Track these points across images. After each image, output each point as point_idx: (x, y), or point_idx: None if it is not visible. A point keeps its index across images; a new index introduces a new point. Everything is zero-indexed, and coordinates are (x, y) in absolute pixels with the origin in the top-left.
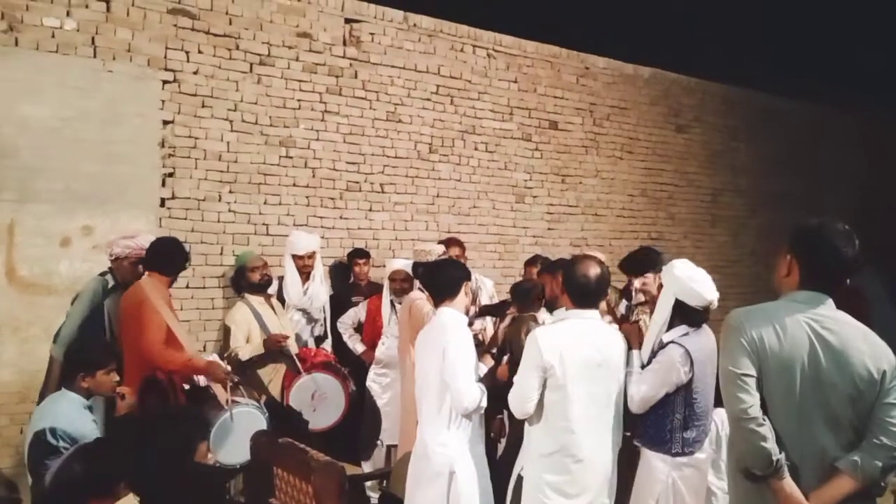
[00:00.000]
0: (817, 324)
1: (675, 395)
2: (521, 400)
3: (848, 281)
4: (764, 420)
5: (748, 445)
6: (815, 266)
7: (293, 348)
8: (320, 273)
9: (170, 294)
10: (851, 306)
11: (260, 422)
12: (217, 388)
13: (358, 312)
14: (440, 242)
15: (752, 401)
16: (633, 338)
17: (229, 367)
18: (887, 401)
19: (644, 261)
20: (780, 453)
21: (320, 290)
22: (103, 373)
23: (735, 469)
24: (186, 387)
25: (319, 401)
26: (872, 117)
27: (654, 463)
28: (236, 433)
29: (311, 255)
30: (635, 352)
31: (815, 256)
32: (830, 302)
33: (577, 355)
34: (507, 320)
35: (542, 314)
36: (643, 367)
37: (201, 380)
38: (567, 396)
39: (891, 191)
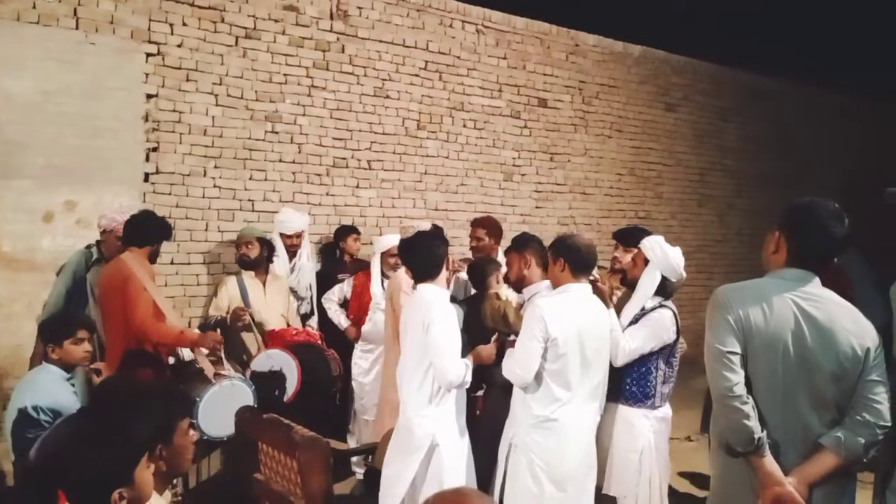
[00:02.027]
0: (804, 301)
1: (659, 352)
2: (522, 369)
3: (835, 260)
4: (748, 398)
5: (731, 422)
6: (804, 244)
7: (272, 325)
8: (307, 251)
9: (153, 268)
10: (835, 286)
11: (246, 394)
12: (203, 362)
13: (344, 289)
14: (473, 221)
15: (736, 378)
16: (605, 300)
17: (221, 337)
18: (870, 378)
19: (634, 236)
20: (763, 431)
21: (307, 267)
22: (70, 342)
23: (717, 444)
24: (171, 361)
25: (275, 376)
26: (861, 99)
27: (635, 420)
28: (224, 406)
29: (300, 235)
30: (612, 311)
31: (804, 234)
32: (817, 280)
33: (576, 327)
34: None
35: (504, 289)
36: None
37: (186, 354)
38: (566, 365)
39: (877, 172)
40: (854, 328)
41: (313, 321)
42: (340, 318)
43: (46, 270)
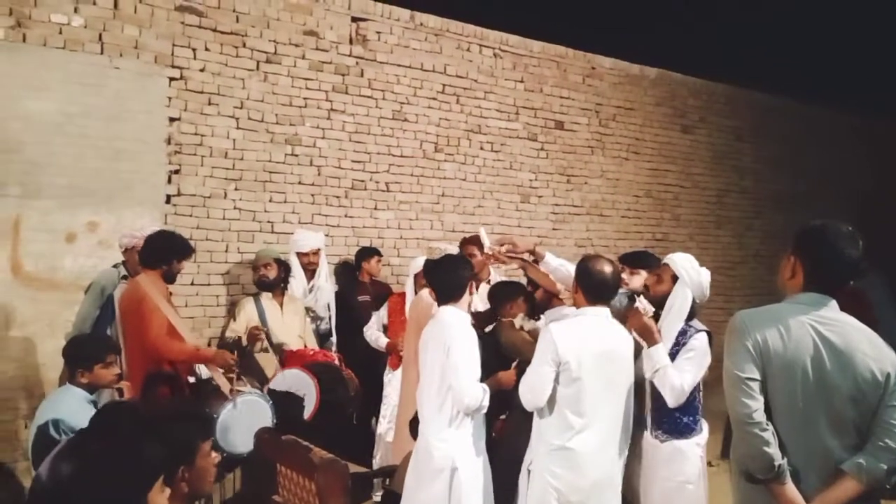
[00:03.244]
0: (821, 326)
1: None
2: (534, 393)
3: (851, 283)
4: (767, 425)
5: (751, 449)
6: (820, 268)
7: (290, 346)
8: (325, 271)
9: (167, 289)
10: (855, 310)
11: (264, 409)
12: (220, 379)
13: (381, 315)
14: (463, 240)
15: (755, 405)
16: (650, 335)
17: (234, 355)
18: (892, 403)
19: (641, 259)
20: (783, 458)
21: (325, 287)
22: (101, 367)
23: (738, 471)
24: (192, 380)
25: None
26: (878, 120)
27: (687, 451)
28: (242, 422)
29: (316, 253)
30: (660, 347)
31: (819, 258)
32: (834, 303)
33: (590, 351)
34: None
35: (521, 318)
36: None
37: (204, 372)
38: (580, 391)
39: (894, 194)
40: (872, 352)
41: (331, 342)
42: (379, 339)
43: (68, 290)
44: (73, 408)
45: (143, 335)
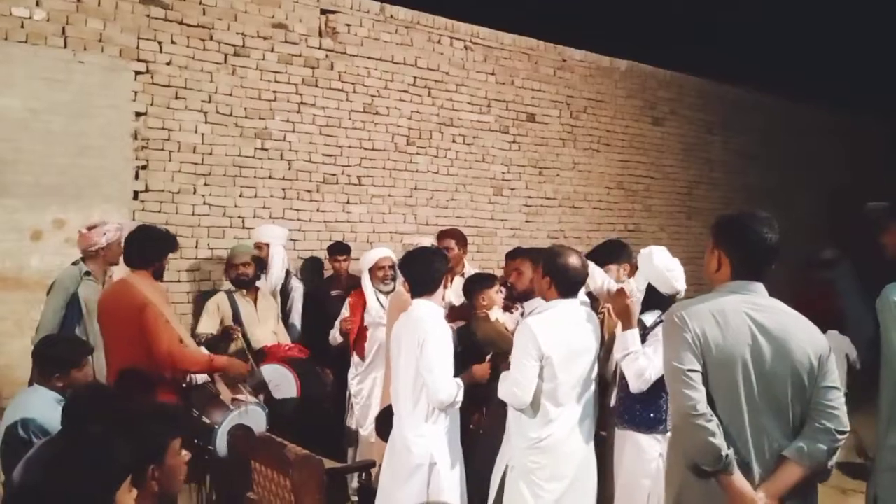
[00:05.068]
0: (756, 312)
1: None
2: (522, 389)
3: (821, 275)
4: (711, 416)
5: (696, 442)
6: (745, 256)
7: (265, 342)
8: (278, 265)
9: (162, 289)
10: (824, 301)
11: (261, 418)
12: (222, 387)
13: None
14: (440, 233)
15: (699, 397)
16: (627, 318)
17: (248, 365)
18: (825, 384)
19: (609, 253)
20: (729, 448)
21: (277, 276)
22: (77, 371)
23: (682, 465)
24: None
25: (275, 391)
26: (846, 113)
27: (645, 445)
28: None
29: (260, 248)
30: (635, 331)
31: (742, 246)
32: (762, 288)
33: (566, 343)
34: None
35: (496, 311)
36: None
37: (197, 377)
38: (559, 384)
39: (863, 185)
40: (806, 336)
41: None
42: (336, 336)
43: (35, 289)
44: (42, 408)
45: (151, 346)
